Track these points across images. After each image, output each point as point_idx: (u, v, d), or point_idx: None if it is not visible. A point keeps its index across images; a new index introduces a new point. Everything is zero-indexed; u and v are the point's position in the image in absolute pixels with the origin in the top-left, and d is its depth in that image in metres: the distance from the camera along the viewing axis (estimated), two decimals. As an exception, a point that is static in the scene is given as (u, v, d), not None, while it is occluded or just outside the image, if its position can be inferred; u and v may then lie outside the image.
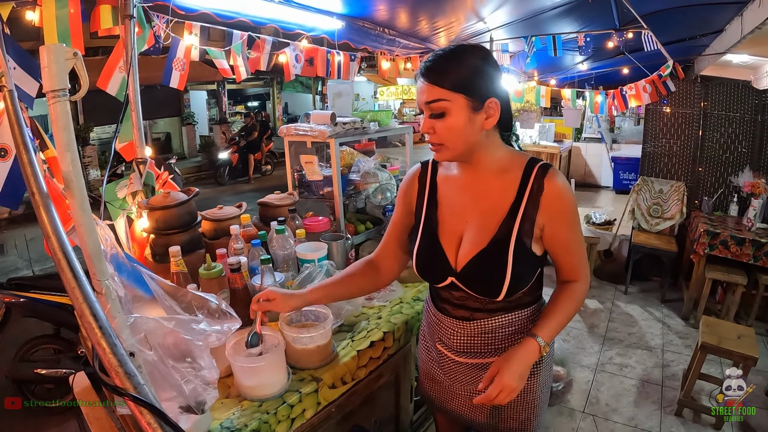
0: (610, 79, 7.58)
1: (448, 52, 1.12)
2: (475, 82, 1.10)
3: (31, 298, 2.85)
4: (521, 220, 1.17)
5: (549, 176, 1.16)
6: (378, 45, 4.28)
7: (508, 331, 1.28)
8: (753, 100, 4.26)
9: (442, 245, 1.26)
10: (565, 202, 1.17)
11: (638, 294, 4.56)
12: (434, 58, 1.12)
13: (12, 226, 7.12)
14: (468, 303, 1.28)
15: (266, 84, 15.69)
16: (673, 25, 4.35)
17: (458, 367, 1.35)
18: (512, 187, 1.19)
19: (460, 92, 1.09)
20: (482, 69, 1.11)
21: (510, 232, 1.17)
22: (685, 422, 2.74)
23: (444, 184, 1.32)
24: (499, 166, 1.21)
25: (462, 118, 1.11)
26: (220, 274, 1.60)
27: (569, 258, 1.24)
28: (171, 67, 2.63)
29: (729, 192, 4.33)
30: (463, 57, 1.10)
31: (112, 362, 0.79)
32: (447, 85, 1.09)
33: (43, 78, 0.87)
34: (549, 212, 1.17)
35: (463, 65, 1.10)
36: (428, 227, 1.30)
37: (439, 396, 1.47)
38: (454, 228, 1.26)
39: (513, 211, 1.18)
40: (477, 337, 1.29)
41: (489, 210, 1.21)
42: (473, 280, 1.22)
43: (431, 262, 1.28)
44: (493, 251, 1.18)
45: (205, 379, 1.05)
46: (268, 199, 2.28)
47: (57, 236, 0.85)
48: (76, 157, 0.90)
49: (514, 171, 1.20)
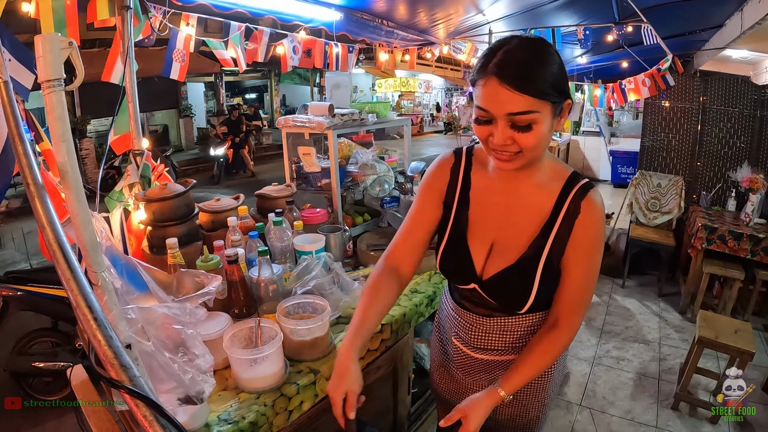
0: (609, 73, 7.55)
1: (528, 51, 0.96)
2: (559, 85, 0.98)
3: (29, 292, 2.84)
4: (553, 242, 1.11)
5: (588, 199, 1.08)
6: (376, 37, 4.26)
7: (528, 331, 1.24)
8: (752, 96, 4.26)
9: (470, 250, 1.20)
10: (593, 230, 1.10)
11: (636, 288, 4.57)
12: (515, 60, 0.95)
13: (9, 219, 7.09)
14: (488, 303, 1.23)
15: (264, 76, 15.64)
16: (673, 19, 4.33)
17: (473, 363, 1.33)
18: (549, 202, 1.11)
19: (548, 99, 0.96)
20: (560, 69, 0.99)
21: (540, 253, 1.12)
22: (682, 416, 2.76)
23: (479, 183, 1.22)
24: (539, 177, 1.13)
25: (547, 127, 0.99)
26: (218, 266, 1.59)
27: (568, 291, 1.15)
28: (171, 58, 2.61)
29: (727, 187, 4.34)
30: (544, 57, 0.97)
31: (107, 354, 0.79)
32: (537, 93, 0.94)
33: (38, 67, 0.86)
34: (577, 237, 1.10)
35: (548, 67, 0.96)
36: (457, 226, 1.23)
37: (449, 389, 1.45)
38: (484, 234, 1.19)
39: (546, 231, 1.11)
40: (495, 334, 1.26)
41: (522, 223, 1.14)
42: (497, 293, 1.18)
43: (456, 265, 1.23)
44: (520, 269, 1.13)
45: (201, 367, 1.05)
46: (266, 191, 2.27)
47: (52, 228, 0.84)
48: (71, 147, 0.89)
49: (554, 185, 1.12)
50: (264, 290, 1.55)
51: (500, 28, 4.84)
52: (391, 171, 2.54)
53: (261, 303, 1.54)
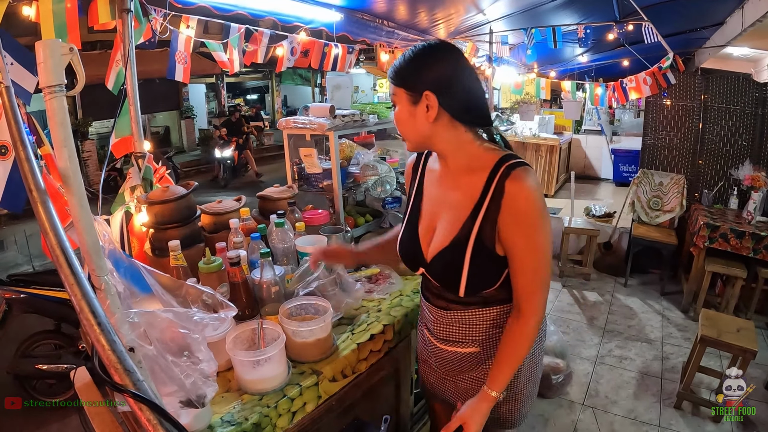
0: (610, 71, 7.54)
1: (407, 51, 1.20)
2: (412, 76, 1.16)
3: (32, 294, 2.85)
4: (482, 222, 1.16)
5: (512, 178, 1.12)
6: (377, 37, 4.25)
7: (485, 325, 1.30)
8: (753, 93, 4.24)
9: (419, 235, 1.32)
10: (524, 210, 1.12)
11: (638, 286, 4.56)
12: (397, 60, 1.22)
13: (12, 222, 7.11)
14: (444, 294, 1.32)
15: (265, 77, 15.64)
16: (674, 17, 4.32)
17: (442, 354, 1.40)
18: (479, 186, 1.18)
19: (401, 86, 1.18)
20: (421, 65, 1.16)
21: (470, 233, 1.18)
22: (684, 415, 2.75)
23: (428, 176, 1.37)
24: (468, 163, 1.22)
25: (404, 110, 1.20)
26: (220, 268, 1.60)
27: (522, 274, 1.18)
28: (174, 60, 2.61)
29: (729, 185, 4.32)
30: (409, 56, 1.18)
31: (111, 359, 0.79)
32: (393, 80, 1.20)
33: (39, 73, 0.86)
34: (507, 217, 1.13)
35: (405, 62, 1.18)
36: (411, 216, 1.37)
37: (431, 382, 1.52)
38: (430, 219, 1.31)
39: (475, 212, 1.18)
40: (454, 326, 1.33)
41: (456, 207, 1.23)
42: (437, 274, 1.28)
43: (409, 249, 1.35)
44: (452, 250, 1.21)
45: (204, 372, 1.05)
46: (268, 192, 2.27)
47: (55, 233, 0.85)
48: (73, 153, 0.89)
49: (484, 170, 1.18)
50: (266, 292, 1.55)
51: (501, 28, 4.85)
52: (393, 171, 2.54)
53: (263, 305, 1.54)
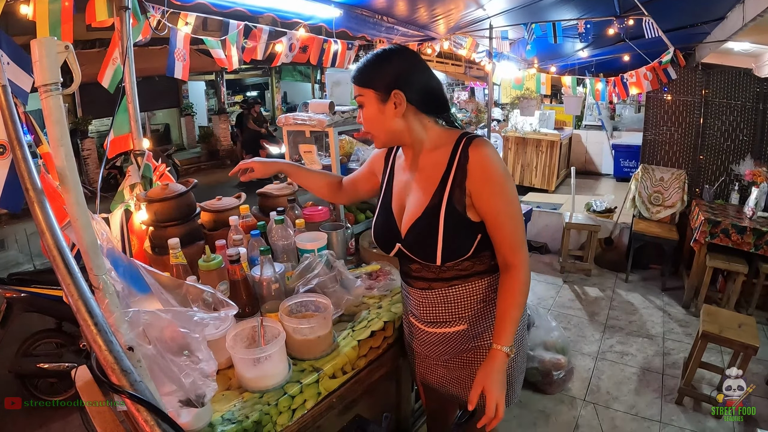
0: (610, 67, 7.50)
1: (368, 56, 1.32)
2: (379, 78, 1.28)
3: (33, 293, 2.85)
4: (451, 187, 1.28)
5: (474, 145, 1.28)
6: (376, 33, 4.23)
7: (470, 301, 1.39)
8: (754, 88, 4.23)
9: (393, 214, 1.43)
10: (489, 169, 1.26)
11: (639, 282, 4.56)
12: (359, 64, 1.32)
13: (12, 221, 7.11)
14: (424, 274, 1.41)
15: (265, 73, 15.58)
16: (675, 12, 4.30)
17: (429, 338, 1.47)
18: (444, 159, 1.31)
19: (369, 87, 1.29)
20: (385, 67, 1.29)
21: (441, 200, 1.29)
22: (686, 410, 2.75)
23: (399, 162, 1.49)
24: (432, 144, 1.35)
25: (373, 109, 1.30)
26: (220, 266, 1.60)
27: (500, 231, 1.29)
28: (174, 58, 2.60)
29: (730, 180, 4.31)
30: (373, 59, 1.31)
31: (108, 359, 0.79)
32: (360, 83, 1.30)
33: (34, 72, 0.85)
34: (475, 179, 1.26)
35: (370, 65, 1.30)
36: (384, 202, 1.47)
37: (418, 369, 1.59)
38: (401, 201, 1.42)
39: (444, 180, 1.30)
40: (438, 306, 1.41)
41: (425, 181, 1.34)
42: (412, 245, 1.35)
43: (383, 228, 1.45)
44: (427, 217, 1.31)
45: (204, 371, 1.05)
46: (268, 189, 2.27)
47: (52, 233, 0.84)
48: (70, 151, 0.89)
49: (447, 146, 1.32)
50: (266, 289, 1.55)
51: (501, 23, 4.82)
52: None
53: (263, 302, 1.54)
